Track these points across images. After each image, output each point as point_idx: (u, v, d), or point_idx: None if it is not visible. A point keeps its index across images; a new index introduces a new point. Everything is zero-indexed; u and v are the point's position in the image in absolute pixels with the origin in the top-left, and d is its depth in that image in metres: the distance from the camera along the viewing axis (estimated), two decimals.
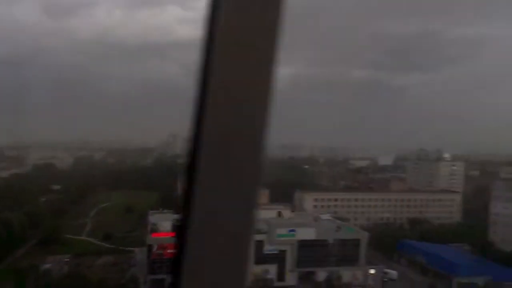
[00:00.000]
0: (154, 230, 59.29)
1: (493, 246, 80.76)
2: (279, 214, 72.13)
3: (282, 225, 63.46)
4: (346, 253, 64.05)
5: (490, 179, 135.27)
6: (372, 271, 64.09)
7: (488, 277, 61.40)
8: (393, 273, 67.55)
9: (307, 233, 62.72)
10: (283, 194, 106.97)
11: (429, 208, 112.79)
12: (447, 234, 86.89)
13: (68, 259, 65.26)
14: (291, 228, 62.44)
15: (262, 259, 60.47)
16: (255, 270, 59.70)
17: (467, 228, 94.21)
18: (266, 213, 70.69)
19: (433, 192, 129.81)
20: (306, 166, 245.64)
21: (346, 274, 62.52)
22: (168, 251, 56.48)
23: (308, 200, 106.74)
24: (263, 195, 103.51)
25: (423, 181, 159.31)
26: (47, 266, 60.74)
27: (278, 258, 61.28)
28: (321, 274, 61.28)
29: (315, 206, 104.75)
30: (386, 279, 65.17)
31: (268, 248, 60.88)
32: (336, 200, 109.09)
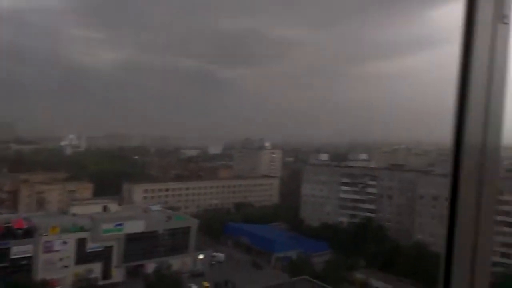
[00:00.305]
0: None
1: (304, 223, 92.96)
2: (105, 208, 67.49)
3: (108, 220, 59.61)
4: (176, 242, 64.45)
5: (302, 164, 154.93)
6: (201, 256, 66.13)
7: (300, 250, 70.34)
8: (221, 256, 71.22)
9: (136, 226, 60.53)
10: (110, 187, 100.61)
11: (252, 192, 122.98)
12: (267, 215, 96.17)
13: None
14: (118, 222, 59.19)
15: (84, 258, 55.83)
16: (76, 270, 54.62)
17: (283, 209, 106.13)
18: (89, 208, 65.45)
19: (256, 178, 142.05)
20: (136, 157, 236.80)
21: (176, 262, 62.85)
22: None
23: (138, 192, 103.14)
24: (86, 189, 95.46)
25: (247, 168, 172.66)
26: None
27: (104, 255, 57.43)
28: (150, 266, 60.03)
29: (145, 198, 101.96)
30: (214, 262, 68.23)
31: (91, 246, 56.39)
32: (167, 190, 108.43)
